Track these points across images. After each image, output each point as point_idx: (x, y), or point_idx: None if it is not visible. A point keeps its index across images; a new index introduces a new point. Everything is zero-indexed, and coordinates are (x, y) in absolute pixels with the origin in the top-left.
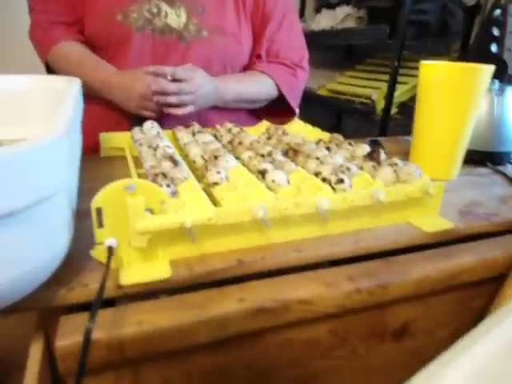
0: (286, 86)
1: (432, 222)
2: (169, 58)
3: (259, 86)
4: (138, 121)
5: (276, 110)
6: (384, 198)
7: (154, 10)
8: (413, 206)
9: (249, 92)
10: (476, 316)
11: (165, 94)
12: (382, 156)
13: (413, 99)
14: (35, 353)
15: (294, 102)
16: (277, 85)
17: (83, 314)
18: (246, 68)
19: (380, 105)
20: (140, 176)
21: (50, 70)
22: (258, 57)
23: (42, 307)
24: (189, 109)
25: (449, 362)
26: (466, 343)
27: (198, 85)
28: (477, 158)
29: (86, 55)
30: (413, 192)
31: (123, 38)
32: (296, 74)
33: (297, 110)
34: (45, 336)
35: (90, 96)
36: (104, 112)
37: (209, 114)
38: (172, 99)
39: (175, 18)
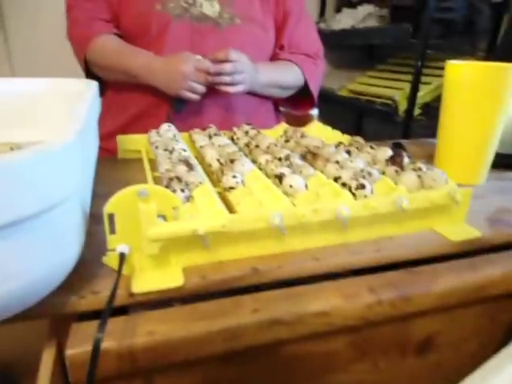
0: (310, 75)
1: (458, 230)
2: (205, 45)
3: (289, 74)
4: (178, 104)
5: (296, 100)
6: (407, 206)
7: (190, 1)
8: (438, 214)
9: (280, 78)
10: (503, 330)
11: (220, 74)
12: (406, 160)
13: (437, 100)
14: (47, 359)
15: (316, 92)
16: (302, 74)
17: (94, 323)
18: (271, 59)
19: (402, 106)
20: (156, 179)
21: (88, 68)
22: (281, 48)
23: (52, 315)
24: (241, 87)
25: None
26: (498, 362)
27: (248, 65)
28: (506, 162)
29: (123, 44)
30: (438, 199)
31: (162, 25)
32: (317, 64)
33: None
34: (57, 343)
35: (126, 83)
36: (142, 97)
37: (237, 102)
38: (227, 79)
39: (209, 7)
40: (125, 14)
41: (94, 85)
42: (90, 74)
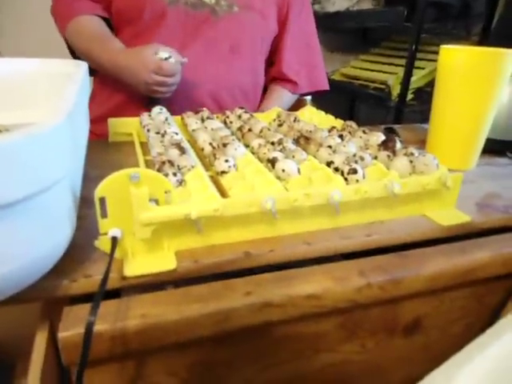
0: (308, 86)
1: (448, 214)
2: (199, 33)
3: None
4: (152, 102)
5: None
6: (399, 190)
7: None
8: (428, 198)
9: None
10: (490, 312)
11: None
12: (398, 145)
13: (430, 85)
14: (40, 342)
15: (319, 84)
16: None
17: (86, 306)
18: (272, 54)
19: (396, 90)
20: (147, 163)
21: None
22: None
23: (45, 298)
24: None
25: (463, 361)
26: (483, 340)
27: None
28: (496, 147)
29: (98, 32)
30: (429, 184)
31: (156, 11)
32: (312, 47)
33: (326, 86)
34: (50, 325)
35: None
36: (114, 91)
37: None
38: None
39: None
40: None
41: (83, 65)
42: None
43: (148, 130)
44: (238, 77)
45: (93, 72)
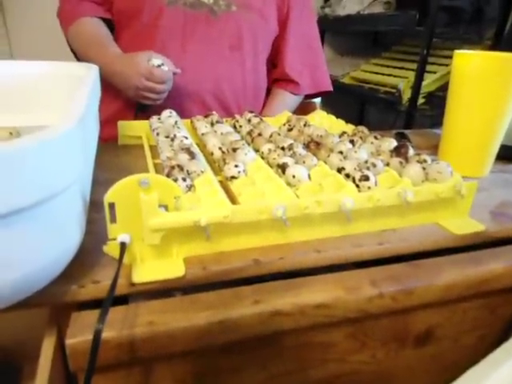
0: (311, 87)
1: (461, 223)
2: (198, 33)
3: (288, 103)
4: (141, 108)
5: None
6: (412, 198)
7: None
8: (442, 207)
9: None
10: (503, 324)
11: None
12: (410, 152)
13: (441, 89)
14: (48, 348)
15: (322, 85)
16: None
17: (94, 312)
18: (273, 55)
19: (406, 94)
20: (156, 166)
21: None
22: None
23: (52, 303)
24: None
25: (478, 380)
26: (497, 356)
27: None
28: (511, 154)
29: (96, 35)
30: (443, 192)
31: (154, 11)
32: (314, 48)
33: (330, 87)
34: (57, 331)
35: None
36: (117, 95)
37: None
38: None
39: None
40: None
41: (94, 69)
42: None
43: (157, 134)
44: (239, 76)
45: None
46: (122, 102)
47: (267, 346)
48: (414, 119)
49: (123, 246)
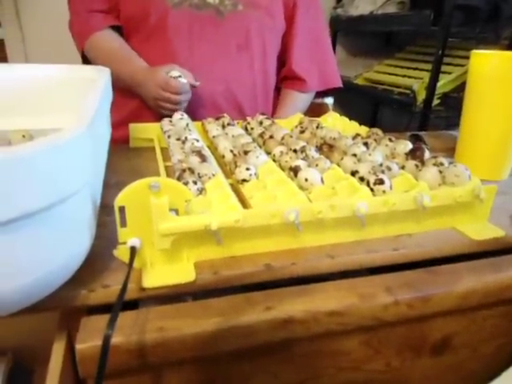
0: (319, 84)
1: (480, 228)
2: (205, 34)
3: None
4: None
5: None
6: (429, 203)
7: None
8: (459, 211)
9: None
10: None
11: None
12: (426, 154)
13: (457, 90)
14: (57, 352)
15: (331, 81)
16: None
17: (104, 317)
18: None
19: (421, 95)
20: (168, 169)
21: (86, 60)
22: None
23: (62, 308)
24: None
25: None
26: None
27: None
28: None
29: (117, 48)
30: (461, 196)
31: (160, 14)
32: (322, 45)
33: (339, 83)
34: (68, 335)
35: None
36: (131, 97)
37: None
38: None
39: None
40: (124, 2)
41: (106, 72)
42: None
43: (169, 137)
44: (248, 76)
45: None
46: (139, 102)
47: (278, 353)
48: (428, 121)
49: (133, 250)
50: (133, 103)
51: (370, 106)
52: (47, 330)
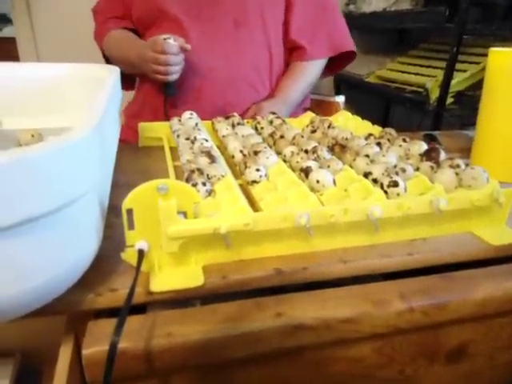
0: (329, 49)
1: (498, 233)
2: (202, 14)
3: (308, 77)
4: (167, 88)
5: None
6: (445, 207)
7: None
8: (476, 215)
9: (305, 87)
10: None
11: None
12: (442, 155)
13: (471, 88)
14: (64, 356)
15: (341, 46)
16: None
17: (111, 321)
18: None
19: (434, 94)
20: (177, 169)
21: (109, 61)
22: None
23: (69, 311)
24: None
25: None
26: None
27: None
28: None
29: (125, 36)
30: (479, 200)
31: (162, 5)
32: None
33: (353, 47)
34: (75, 338)
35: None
36: (145, 84)
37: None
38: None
39: None
40: (134, 7)
41: (115, 71)
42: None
43: (178, 136)
44: (248, 52)
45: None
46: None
47: (289, 360)
48: (441, 119)
49: (141, 253)
50: (134, 103)
51: (381, 105)
52: (55, 331)
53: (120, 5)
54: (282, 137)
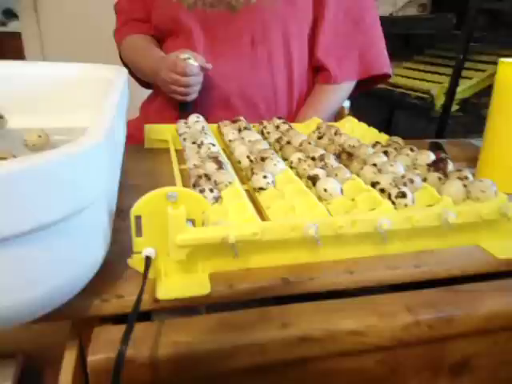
0: (360, 72)
1: (506, 246)
2: (219, 31)
3: (332, 100)
4: (183, 105)
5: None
6: (454, 220)
7: None
8: (484, 228)
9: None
10: None
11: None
12: (450, 166)
13: (477, 96)
14: (69, 362)
15: (374, 67)
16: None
17: (116, 327)
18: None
19: (439, 100)
20: (183, 172)
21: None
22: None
23: (75, 317)
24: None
25: None
26: None
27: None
28: None
29: (142, 45)
30: (487, 214)
31: (178, 17)
32: (364, 26)
33: (388, 69)
34: (79, 343)
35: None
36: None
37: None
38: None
39: None
40: (153, 11)
41: (124, 72)
42: None
43: (184, 139)
44: (265, 73)
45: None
46: (163, 101)
47: (293, 371)
48: (446, 126)
49: (148, 260)
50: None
51: (385, 110)
52: (57, 333)
53: (141, 8)
54: (288, 142)
